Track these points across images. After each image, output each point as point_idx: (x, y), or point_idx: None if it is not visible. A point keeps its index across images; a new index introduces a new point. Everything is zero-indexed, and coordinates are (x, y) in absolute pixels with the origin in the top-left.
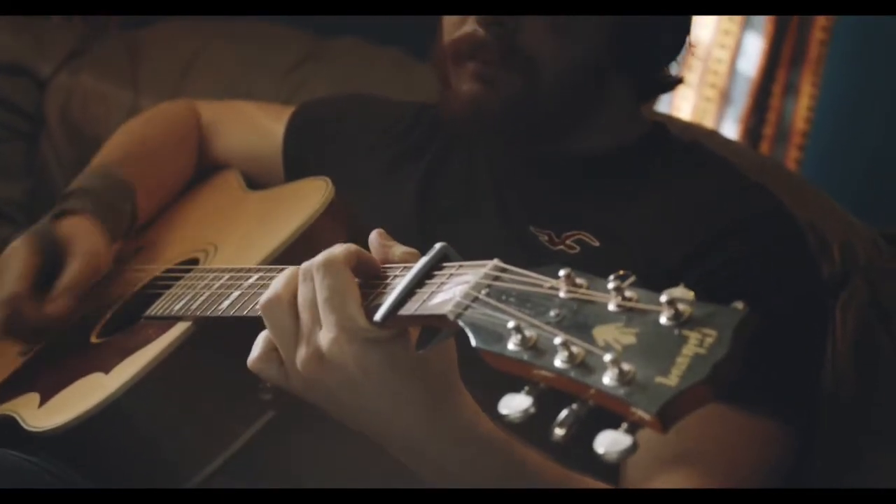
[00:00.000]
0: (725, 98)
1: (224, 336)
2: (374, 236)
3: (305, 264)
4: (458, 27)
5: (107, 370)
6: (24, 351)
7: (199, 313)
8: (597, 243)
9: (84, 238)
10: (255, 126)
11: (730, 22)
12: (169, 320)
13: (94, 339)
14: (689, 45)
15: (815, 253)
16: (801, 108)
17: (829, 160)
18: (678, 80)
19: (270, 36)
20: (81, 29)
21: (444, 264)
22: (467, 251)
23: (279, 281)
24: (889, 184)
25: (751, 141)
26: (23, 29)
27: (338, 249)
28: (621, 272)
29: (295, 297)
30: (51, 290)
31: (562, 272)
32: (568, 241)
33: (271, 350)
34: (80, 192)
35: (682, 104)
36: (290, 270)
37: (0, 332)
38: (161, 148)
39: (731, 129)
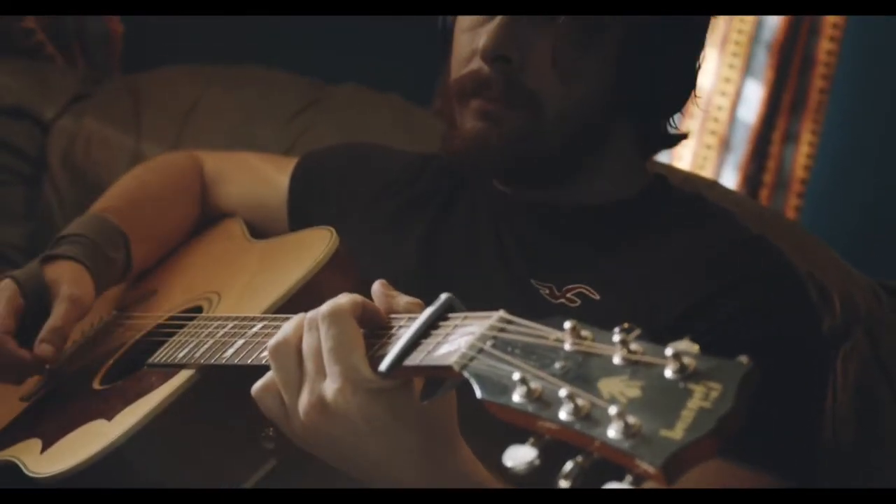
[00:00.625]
0: (726, 145)
1: (227, 384)
2: (378, 287)
3: (311, 313)
4: (464, 65)
5: (109, 417)
6: (26, 396)
7: (202, 361)
8: (597, 296)
9: (69, 282)
10: (259, 176)
11: (730, 69)
12: (172, 368)
13: (96, 386)
14: (694, 95)
15: (816, 305)
16: (801, 156)
17: (829, 208)
18: (682, 136)
19: (272, 82)
20: (84, 73)
21: (450, 315)
22: (470, 303)
23: (289, 326)
24: (888, 233)
25: (750, 188)
26: (26, 72)
27: (343, 300)
28: (626, 325)
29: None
30: (39, 334)
31: (567, 324)
32: (569, 295)
33: (276, 384)
34: (71, 239)
35: (682, 151)
36: (300, 316)
37: None
38: (161, 197)
39: (730, 177)
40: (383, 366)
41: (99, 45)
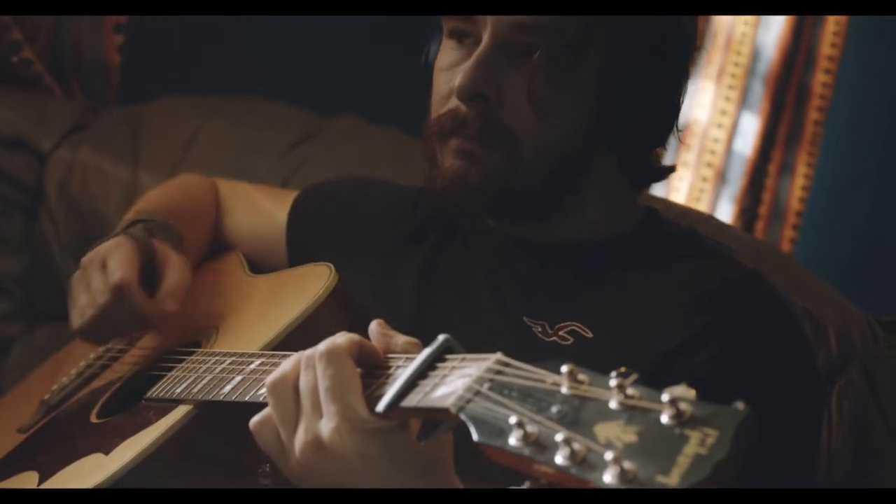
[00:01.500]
0: (722, 177)
1: (225, 420)
2: (375, 327)
3: (308, 352)
4: (442, 105)
5: (107, 451)
6: (24, 428)
7: (200, 397)
8: (590, 334)
9: (175, 253)
10: (259, 209)
11: (727, 102)
12: (170, 403)
13: (94, 419)
14: (679, 129)
15: (810, 340)
16: (796, 188)
17: (824, 240)
18: (670, 169)
19: (270, 114)
20: (82, 104)
21: (447, 356)
22: (463, 340)
23: (288, 363)
24: (883, 265)
25: (746, 220)
26: (24, 103)
27: (340, 339)
28: (623, 369)
29: None
30: (157, 292)
31: (564, 368)
32: (561, 333)
33: (273, 420)
34: (153, 224)
35: (678, 184)
36: (299, 354)
37: (96, 314)
38: (193, 215)
39: (727, 209)
40: (380, 406)
41: (96, 76)
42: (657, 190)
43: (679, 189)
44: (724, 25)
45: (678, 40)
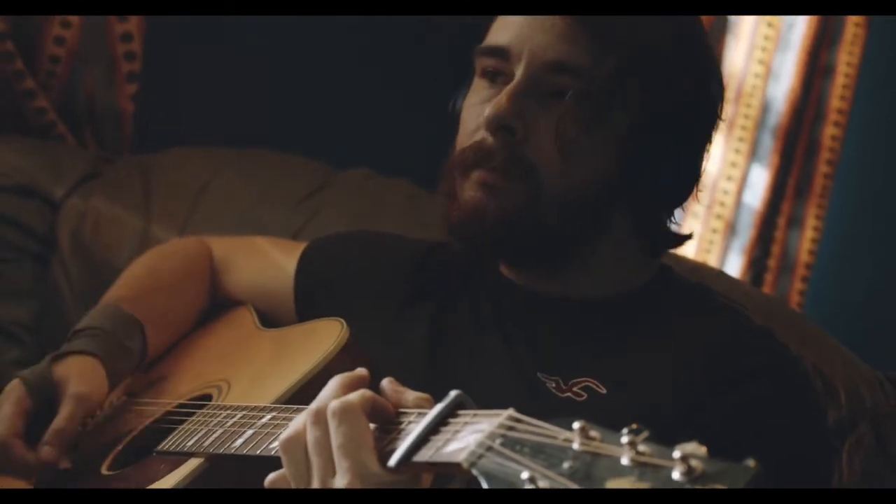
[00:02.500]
0: (731, 229)
1: (236, 474)
2: (387, 384)
3: (318, 406)
4: (469, 139)
5: None
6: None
7: (211, 450)
8: (604, 390)
9: (77, 380)
10: (266, 262)
11: (736, 154)
12: (181, 456)
13: (104, 471)
14: (696, 191)
15: (821, 399)
16: (806, 241)
17: (833, 293)
18: (686, 237)
19: (282, 165)
20: (95, 153)
21: (459, 412)
22: (476, 395)
23: (300, 420)
24: (892, 319)
25: (755, 272)
26: (37, 151)
27: (353, 395)
28: (634, 426)
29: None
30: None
31: (576, 424)
32: (575, 389)
33: (287, 478)
34: (87, 332)
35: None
36: (310, 409)
37: None
38: (173, 284)
39: (736, 261)
40: (393, 461)
41: (110, 125)
42: None
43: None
44: (735, 78)
45: (706, 103)
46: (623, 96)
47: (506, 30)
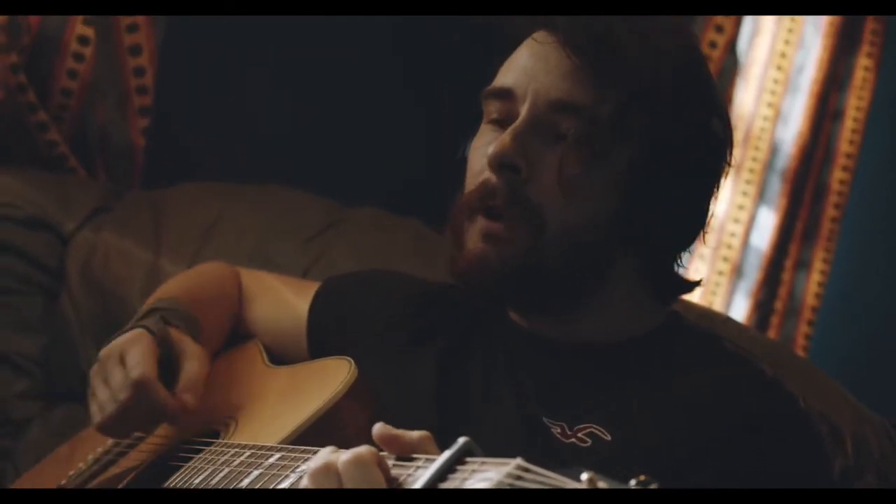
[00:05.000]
0: (738, 272)
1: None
2: (380, 430)
3: (328, 460)
4: (475, 180)
5: None
6: None
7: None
8: (608, 437)
9: (192, 343)
10: (280, 300)
11: (744, 197)
12: None
13: None
14: (703, 234)
15: (828, 449)
16: (812, 284)
17: (839, 337)
18: (695, 284)
19: (292, 202)
20: (106, 186)
21: (468, 458)
22: (482, 438)
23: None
24: None
25: (761, 315)
26: (48, 184)
27: (365, 450)
28: (642, 477)
29: None
30: (176, 385)
31: (584, 476)
32: (580, 434)
33: None
34: (171, 312)
35: (695, 277)
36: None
37: (116, 410)
38: (215, 302)
39: (742, 303)
40: None
41: (121, 159)
42: None
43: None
44: (744, 120)
45: (710, 142)
46: (625, 134)
47: (511, 72)
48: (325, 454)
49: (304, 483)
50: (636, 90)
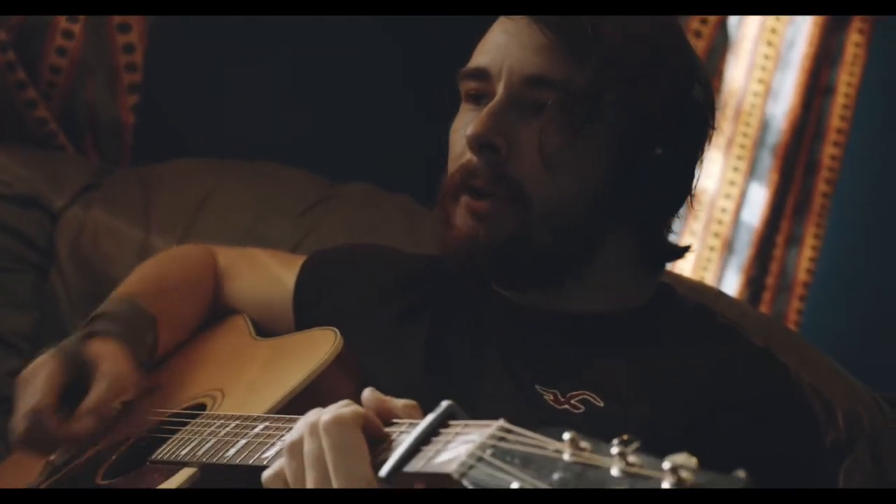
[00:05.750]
0: (729, 248)
1: (228, 483)
2: (368, 394)
3: (311, 418)
4: (457, 162)
5: None
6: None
7: (204, 460)
8: (601, 403)
9: (111, 360)
10: (267, 273)
11: (735, 172)
12: (174, 465)
13: (99, 481)
14: (691, 199)
15: (819, 420)
16: (804, 260)
17: (831, 312)
18: (685, 249)
19: (283, 178)
20: (95, 164)
21: (451, 422)
22: (474, 407)
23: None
24: (889, 338)
25: (753, 291)
26: (38, 162)
27: (346, 411)
28: (625, 437)
29: None
30: (77, 409)
31: (566, 435)
32: (573, 401)
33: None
34: (108, 317)
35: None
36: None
37: (20, 442)
38: (180, 287)
39: (733, 279)
40: (383, 471)
41: (110, 136)
42: None
43: (686, 258)
44: (734, 96)
45: (691, 107)
46: (603, 105)
47: (485, 52)
48: (311, 413)
49: (297, 431)
50: (610, 60)
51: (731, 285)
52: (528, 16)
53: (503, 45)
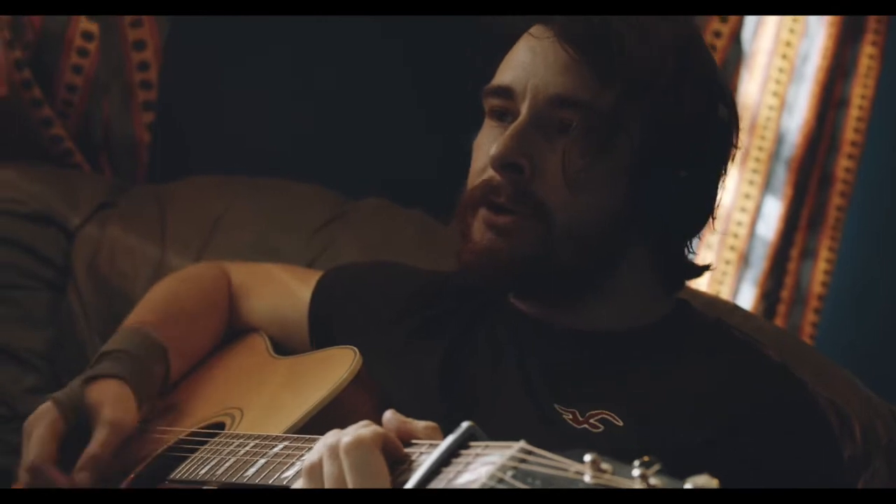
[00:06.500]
0: (744, 261)
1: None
2: (390, 416)
3: (331, 440)
4: (478, 177)
5: None
6: None
7: (224, 479)
8: (620, 423)
9: (111, 405)
10: (283, 290)
11: (750, 186)
12: (193, 485)
13: None
14: (712, 220)
15: (837, 435)
16: (818, 272)
17: (845, 324)
18: (705, 268)
19: (298, 195)
20: (111, 181)
21: (471, 443)
22: (492, 426)
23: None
24: None
25: (768, 304)
26: (54, 179)
27: (366, 432)
28: (646, 458)
29: None
30: (79, 460)
31: (587, 457)
32: (592, 420)
33: None
34: (114, 355)
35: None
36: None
37: (28, 485)
38: (194, 310)
39: (748, 292)
40: None
41: (126, 154)
42: None
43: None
44: (749, 110)
45: (714, 127)
46: (627, 125)
47: (509, 69)
48: (330, 435)
49: (307, 461)
50: (635, 80)
51: (747, 298)
52: (553, 34)
53: (528, 64)
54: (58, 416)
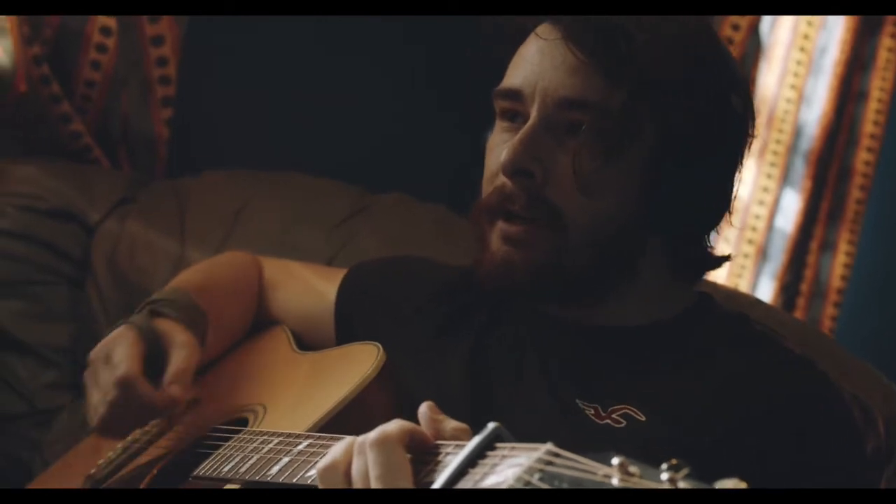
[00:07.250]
0: (763, 254)
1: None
2: (425, 410)
3: (360, 438)
4: (491, 182)
5: None
6: None
7: (247, 477)
8: (643, 418)
9: (182, 333)
10: (308, 287)
11: (768, 179)
12: (217, 482)
13: None
14: (729, 215)
15: (861, 429)
16: (838, 266)
17: (865, 318)
18: (724, 259)
19: (318, 189)
20: (130, 176)
21: (497, 444)
22: (515, 423)
23: (338, 449)
24: None
25: (787, 297)
26: (73, 175)
27: (392, 427)
28: (674, 461)
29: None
30: (164, 378)
31: (615, 460)
32: (614, 416)
33: None
34: (166, 303)
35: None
36: (350, 440)
37: (107, 411)
38: (230, 288)
39: (767, 286)
40: None
41: (145, 149)
42: None
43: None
44: (767, 103)
45: (729, 120)
46: (638, 125)
47: (518, 72)
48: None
49: (331, 455)
50: (645, 80)
51: (766, 292)
52: (560, 34)
53: (536, 66)
54: (137, 337)
